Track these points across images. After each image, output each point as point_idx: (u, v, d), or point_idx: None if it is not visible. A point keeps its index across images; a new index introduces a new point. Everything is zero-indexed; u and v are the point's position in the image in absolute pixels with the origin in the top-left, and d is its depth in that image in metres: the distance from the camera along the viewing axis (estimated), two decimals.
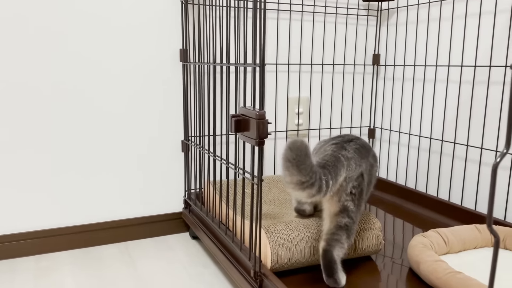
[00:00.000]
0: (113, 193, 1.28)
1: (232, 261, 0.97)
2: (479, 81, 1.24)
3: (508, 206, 1.17)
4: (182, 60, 1.29)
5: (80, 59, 1.19)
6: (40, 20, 1.13)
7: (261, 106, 0.80)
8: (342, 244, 0.86)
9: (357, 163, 0.89)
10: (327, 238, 0.86)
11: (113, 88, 1.24)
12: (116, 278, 1.07)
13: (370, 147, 0.97)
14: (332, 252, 0.85)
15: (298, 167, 0.77)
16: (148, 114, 1.29)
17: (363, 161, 0.90)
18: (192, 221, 1.25)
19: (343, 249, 0.86)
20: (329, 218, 0.88)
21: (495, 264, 0.36)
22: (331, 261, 0.85)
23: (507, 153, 0.34)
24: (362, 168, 0.89)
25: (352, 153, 0.89)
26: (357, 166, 0.88)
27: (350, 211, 0.87)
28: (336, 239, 0.85)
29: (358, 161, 0.89)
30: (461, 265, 0.94)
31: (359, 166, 0.89)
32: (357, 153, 0.90)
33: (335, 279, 0.85)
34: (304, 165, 0.77)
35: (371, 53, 1.60)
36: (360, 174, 0.89)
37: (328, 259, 0.85)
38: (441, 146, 1.36)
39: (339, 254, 0.86)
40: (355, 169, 0.88)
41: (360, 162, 0.89)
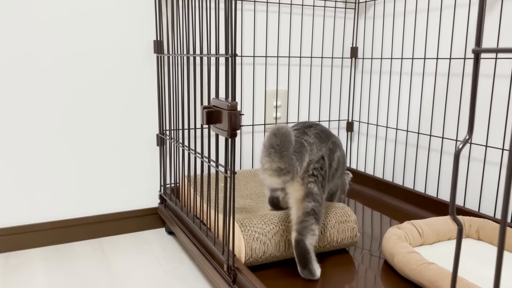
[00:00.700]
0: (86, 188, 1.25)
1: (207, 255, 0.95)
2: (454, 73, 1.24)
3: (482, 198, 1.19)
4: (156, 51, 1.26)
5: (51, 52, 1.15)
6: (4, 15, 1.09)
7: (233, 97, 0.78)
8: (313, 231, 0.85)
9: (318, 147, 0.91)
10: (298, 228, 0.85)
11: (86, 82, 1.20)
12: (88, 274, 1.05)
13: (330, 132, 1.00)
14: (305, 241, 0.84)
15: (281, 154, 0.77)
16: (122, 108, 1.26)
17: (323, 145, 0.93)
18: (168, 216, 1.23)
19: (314, 236, 0.85)
20: (296, 205, 0.88)
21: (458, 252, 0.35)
22: (305, 251, 0.84)
23: (469, 139, 0.34)
24: (322, 151, 0.92)
25: (313, 138, 0.92)
26: (318, 151, 0.91)
27: (315, 194, 0.87)
28: (306, 226, 0.85)
29: (318, 145, 0.92)
30: (435, 256, 0.95)
31: (320, 150, 0.92)
32: (317, 138, 0.93)
33: (310, 270, 0.85)
34: (287, 152, 0.78)
35: (349, 46, 1.59)
36: (321, 157, 0.91)
37: (301, 249, 0.84)
38: (417, 139, 1.37)
39: (311, 243, 0.85)
40: (316, 153, 0.91)
41: (320, 146, 0.92)
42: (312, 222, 0.85)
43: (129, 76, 1.25)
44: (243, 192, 1.21)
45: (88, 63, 1.20)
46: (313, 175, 0.89)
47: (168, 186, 1.31)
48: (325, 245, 0.95)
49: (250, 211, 1.01)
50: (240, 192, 1.21)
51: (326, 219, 0.96)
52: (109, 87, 1.23)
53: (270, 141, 0.78)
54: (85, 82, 1.20)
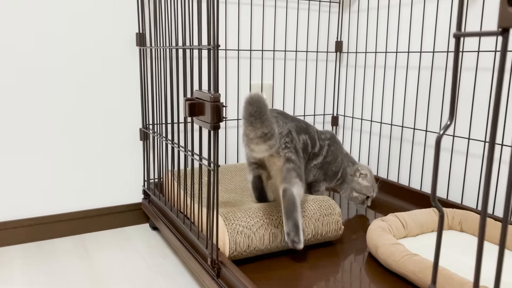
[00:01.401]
0: (68, 184, 1.22)
1: (191, 250, 0.94)
2: (437, 66, 1.25)
3: (465, 190, 1.20)
4: (139, 44, 1.23)
5: (29, 45, 1.12)
6: None
7: (216, 88, 0.77)
8: (298, 182, 0.90)
9: (283, 121, 0.98)
10: (284, 183, 0.90)
11: (67, 76, 1.17)
12: (70, 271, 1.03)
13: (290, 116, 1.05)
14: (292, 189, 0.88)
15: (261, 119, 0.81)
16: (105, 102, 1.23)
17: (288, 121, 1.00)
18: (151, 211, 1.21)
19: (301, 188, 0.90)
20: (279, 172, 0.93)
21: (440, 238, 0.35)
22: (292, 198, 0.87)
23: (450, 124, 0.33)
24: (288, 126, 0.98)
25: (276, 113, 1.00)
26: (284, 124, 0.97)
27: (293, 160, 0.93)
28: (290, 179, 0.90)
29: (282, 120, 0.99)
30: (419, 248, 0.95)
31: (286, 124, 0.98)
32: (279, 115, 1.01)
33: (295, 219, 0.85)
34: (266, 116, 0.81)
35: (333, 40, 1.59)
36: (289, 131, 0.97)
37: (289, 196, 0.88)
38: (402, 132, 1.38)
39: (298, 193, 0.89)
40: (283, 126, 0.97)
41: (285, 120, 0.99)
42: (294, 175, 0.91)
43: (112, 70, 1.23)
44: (228, 186, 1.20)
45: (68, 56, 1.17)
46: (286, 147, 0.94)
47: (152, 181, 1.30)
48: (310, 238, 0.95)
49: (235, 205, 1.00)
50: (225, 186, 1.20)
51: (311, 212, 0.95)
52: (91, 81, 1.21)
53: (248, 110, 0.80)
54: (66, 76, 1.18)
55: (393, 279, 0.84)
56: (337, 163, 1.15)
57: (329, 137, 1.15)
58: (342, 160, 1.17)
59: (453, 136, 1.22)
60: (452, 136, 1.22)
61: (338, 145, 1.17)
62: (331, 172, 1.14)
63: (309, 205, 0.96)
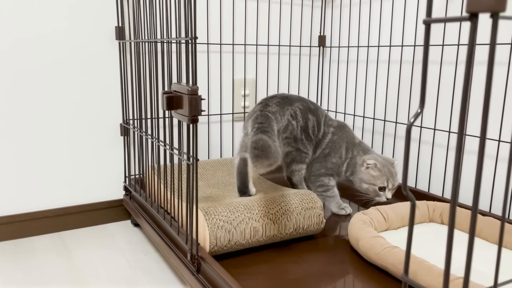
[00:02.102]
0: (47, 180, 1.20)
1: (171, 245, 0.93)
2: (419, 60, 1.26)
3: (446, 183, 1.21)
4: (118, 38, 1.21)
5: (6, 37, 1.09)
6: None
7: (194, 81, 0.76)
8: (298, 171, 1.11)
9: (281, 113, 1.07)
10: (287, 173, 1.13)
11: (46, 71, 1.15)
12: (48, 270, 1.01)
13: (296, 97, 1.13)
14: (292, 179, 1.13)
15: (267, 157, 0.90)
16: (85, 97, 1.21)
17: (286, 109, 1.08)
18: (133, 208, 1.20)
19: (299, 173, 1.12)
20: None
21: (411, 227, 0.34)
22: (292, 183, 1.14)
23: (421, 112, 0.33)
24: (287, 115, 1.07)
25: (275, 107, 1.08)
26: (282, 116, 1.07)
27: (292, 151, 1.09)
28: (292, 171, 1.12)
29: (281, 111, 1.07)
30: (400, 240, 0.96)
31: (283, 115, 1.07)
32: (279, 105, 1.08)
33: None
34: (271, 154, 0.91)
35: (316, 35, 1.59)
36: (288, 122, 1.07)
37: (290, 181, 1.14)
38: (384, 126, 1.38)
39: (297, 180, 1.12)
40: (281, 119, 1.07)
41: (283, 111, 1.07)
42: (294, 167, 1.11)
43: (92, 64, 1.21)
44: (210, 181, 1.19)
45: (47, 50, 1.14)
46: (285, 144, 1.08)
47: (133, 177, 1.28)
48: (291, 232, 0.94)
49: (216, 200, 0.99)
50: (207, 181, 1.19)
51: (292, 206, 0.95)
52: (72, 76, 1.18)
53: (254, 152, 0.90)
54: (45, 71, 1.15)
55: (375, 271, 0.84)
56: (338, 154, 1.14)
57: (336, 125, 1.16)
58: (348, 151, 1.14)
59: (434, 129, 1.22)
60: (433, 129, 1.23)
61: (346, 134, 1.15)
62: (331, 164, 1.14)
63: (291, 199, 0.96)
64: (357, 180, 1.14)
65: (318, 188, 1.15)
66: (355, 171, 1.13)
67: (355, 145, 1.15)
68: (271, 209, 0.93)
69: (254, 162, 0.90)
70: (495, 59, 1.06)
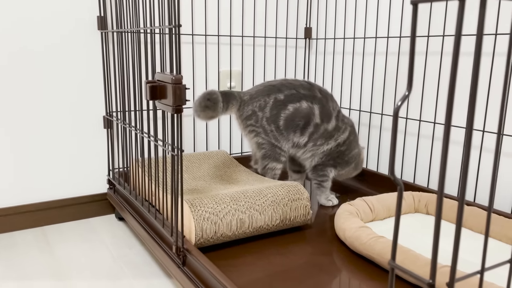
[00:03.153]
0: (28, 173, 1.17)
1: (156, 238, 0.91)
2: (404, 51, 1.26)
3: (431, 174, 1.22)
4: (100, 28, 1.19)
5: None
6: None
7: (178, 70, 0.74)
8: (271, 169, 1.11)
9: (251, 101, 1.09)
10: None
11: (24, 61, 1.11)
12: (30, 264, 0.98)
13: (294, 85, 1.10)
14: (265, 176, 1.12)
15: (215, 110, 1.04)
16: (66, 89, 1.18)
17: (258, 99, 1.08)
18: (117, 201, 1.18)
19: (273, 171, 1.11)
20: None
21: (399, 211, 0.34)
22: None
23: (408, 95, 0.32)
24: (253, 105, 1.08)
25: (254, 92, 1.10)
26: (248, 105, 1.09)
27: (264, 144, 1.10)
28: (264, 167, 1.12)
29: (252, 99, 1.09)
30: (387, 230, 0.96)
31: (251, 104, 1.09)
32: (258, 93, 1.09)
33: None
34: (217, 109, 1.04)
35: (303, 27, 1.58)
36: (252, 112, 1.08)
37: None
38: (370, 118, 1.39)
39: (272, 178, 1.12)
40: (246, 108, 1.09)
41: (253, 100, 1.09)
42: (266, 163, 1.10)
43: (73, 55, 1.18)
44: (196, 173, 1.18)
45: (27, 39, 1.11)
46: (250, 131, 1.10)
47: (117, 170, 1.26)
48: (278, 224, 0.94)
49: (202, 192, 0.98)
50: (193, 174, 1.18)
51: (279, 197, 0.94)
52: (52, 67, 1.15)
53: (205, 103, 1.03)
54: (26, 61, 1.12)
55: (361, 261, 0.84)
56: (351, 154, 1.15)
57: (351, 124, 1.16)
58: (358, 151, 1.18)
59: (419, 120, 1.23)
60: (418, 120, 1.24)
61: (356, 137, 1.18)
62: (341, 160, 1.14)
63: (277, 190, 0.95)
64: (346, 172, 1.19)
65: (320, 177, 1.14)
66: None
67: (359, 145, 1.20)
68: (258, 200, 0.92)
69: (202, 111, 1.02)
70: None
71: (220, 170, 1.21)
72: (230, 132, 1.48)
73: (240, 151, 1.51)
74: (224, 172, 1.20)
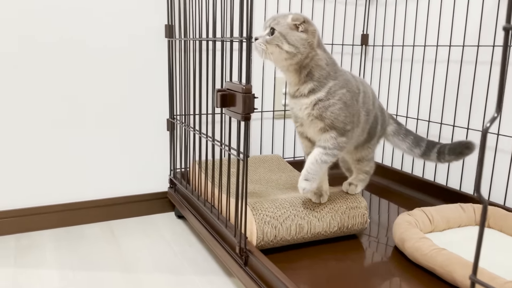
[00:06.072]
0: (97, 171, 1.25)
1: (217, 238, 0.96)
2: (466, 60, 1.23)
3: (492, 186, 1.18)
4: (168, 36, 1.25)
5: (59, 37, 1.14)
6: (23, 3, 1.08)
7: (248, 80, 0.78)
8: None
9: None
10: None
11: (96, 66, 1.20)
12: (98, 255, 1.06)
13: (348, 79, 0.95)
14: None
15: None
16: (133, 92, 1.26)
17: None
18: (177, 200, 1.24)
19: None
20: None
21: (482, 229, 0.35)
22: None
23: (497, 117, 0.33)
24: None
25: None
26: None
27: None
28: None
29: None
30: (446, 243, 0.95)
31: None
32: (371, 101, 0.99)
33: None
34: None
35: (359, 33, 1.58)
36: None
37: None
38: (428, 127, 1.36)
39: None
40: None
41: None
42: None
43: (140, 61, 1.25)
44: (252, 177, 1.21)
45: (98, 47, 1.19)
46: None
47: (178, 170, 1.32)
48: (336, 231, 0.95)
49: (260, 196, 1.02)
50: (250, 177, 1.22)
51: (337, 204, 0.96)
52: (120, 72, 1.23)
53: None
54: (96, 66, 1.20)
55: (420, 272, 0.84)
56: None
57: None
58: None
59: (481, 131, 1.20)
60: (481, 131, 1.21)
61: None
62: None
63: (336, 198, 0.97)
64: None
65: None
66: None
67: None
68: (316, 207, 0.94)
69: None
70: None
71: (275, 174, 1.24)
72: (283, 136, 1.51)
73: (293, 156, 1.54)
74: (279, 176, 1.22)
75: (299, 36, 0.84)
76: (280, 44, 0.83)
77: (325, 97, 0.85)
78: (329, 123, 0.86)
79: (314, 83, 0.86)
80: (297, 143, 1.53)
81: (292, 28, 0.84)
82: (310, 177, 0.87)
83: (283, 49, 0.83)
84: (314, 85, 0.86)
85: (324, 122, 0.86)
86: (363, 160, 1.03)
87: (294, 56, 0.84)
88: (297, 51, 0.84)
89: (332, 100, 0.85)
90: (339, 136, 0.87)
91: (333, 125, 0.86)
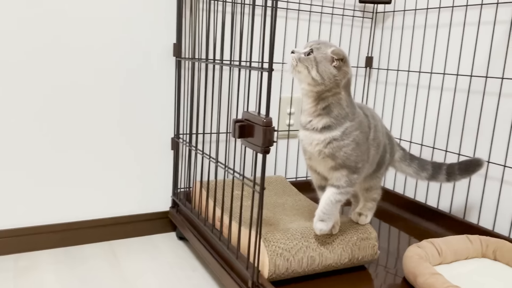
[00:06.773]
0: (97, 190, 1.22)
1: (226, 268, 0.94)
2: (473, 90, 1.24)
3: (498, 216, 1.19)
4: (176, 55, 1.23)
5: (69, 53, 1.12)
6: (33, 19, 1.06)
7: (267, 112, 0.77)
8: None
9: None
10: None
11: (102, 82, 1.17)
12: (100, 277, 1.03)
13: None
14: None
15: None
16: (137, 110, 1.23)
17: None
18: (180, 221, 1.21)
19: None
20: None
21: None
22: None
23: None
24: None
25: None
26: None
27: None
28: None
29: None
30: (454, 276, 0.95)
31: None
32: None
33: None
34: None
35: (364, 56, 1.58)
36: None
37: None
38: (432, 154, 1.37)
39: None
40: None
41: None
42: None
43: (146, 78, 1.23)
44: None
45: (104, 62, 1.17)
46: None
47: (181, 190, 1.29)
48: (346, 262, 0.94)
49: (270, 224, 1.00)
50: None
51: (348, 235, 0.95)
52: (125, 89, 1.21)
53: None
54: (102, 82, 1.18)
55: None
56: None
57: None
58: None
59: (488, 162, 1.21)
60: (487, 162, 1.21)
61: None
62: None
63: (346, 228, 0.96)
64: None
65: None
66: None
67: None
68: (328, 238, 0.93)
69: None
70: None
71: (281, 198, 1.22)
72: (286, 156, 1.50)
73: (295, 176, 1.53)
74: (285, 200, 1.21)
75: (330, 70, 0.83)
76: (310, 67, 0.83)
77: (340, 137, 0.85)
78: (340, 162, 0.86)
79: (332, 119, 0.85)
80: (299, 164, 1.52)
81: (328, 60, 0.84)
82: (326, 218, 0.87)
83: (310, 73, 0.83)
84: (331, 121, 0.85)
85: (336, 162, 0.86)
86: (372, 189, 1.03)
87: (317, 85, 0.84)
88: (321, 81, 0.83)
89: (347, 141, 0.85)
90: (351, 173, 0.87)
91: (345, 164, 0.86)
